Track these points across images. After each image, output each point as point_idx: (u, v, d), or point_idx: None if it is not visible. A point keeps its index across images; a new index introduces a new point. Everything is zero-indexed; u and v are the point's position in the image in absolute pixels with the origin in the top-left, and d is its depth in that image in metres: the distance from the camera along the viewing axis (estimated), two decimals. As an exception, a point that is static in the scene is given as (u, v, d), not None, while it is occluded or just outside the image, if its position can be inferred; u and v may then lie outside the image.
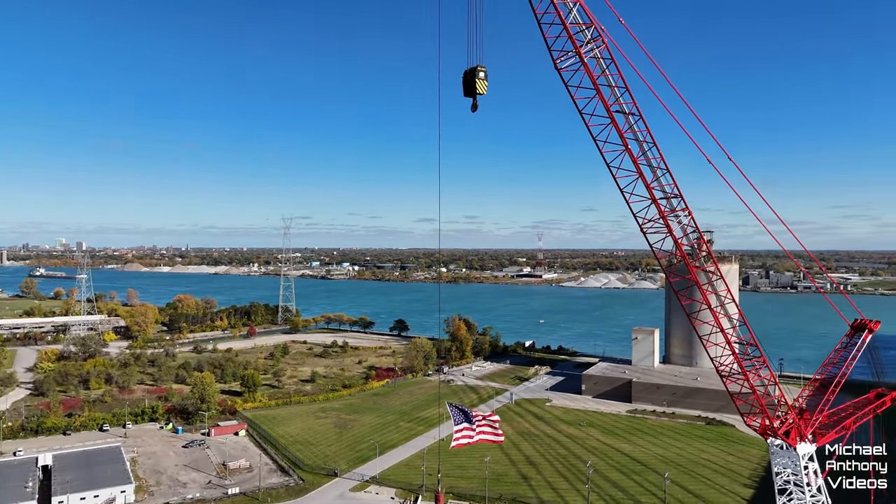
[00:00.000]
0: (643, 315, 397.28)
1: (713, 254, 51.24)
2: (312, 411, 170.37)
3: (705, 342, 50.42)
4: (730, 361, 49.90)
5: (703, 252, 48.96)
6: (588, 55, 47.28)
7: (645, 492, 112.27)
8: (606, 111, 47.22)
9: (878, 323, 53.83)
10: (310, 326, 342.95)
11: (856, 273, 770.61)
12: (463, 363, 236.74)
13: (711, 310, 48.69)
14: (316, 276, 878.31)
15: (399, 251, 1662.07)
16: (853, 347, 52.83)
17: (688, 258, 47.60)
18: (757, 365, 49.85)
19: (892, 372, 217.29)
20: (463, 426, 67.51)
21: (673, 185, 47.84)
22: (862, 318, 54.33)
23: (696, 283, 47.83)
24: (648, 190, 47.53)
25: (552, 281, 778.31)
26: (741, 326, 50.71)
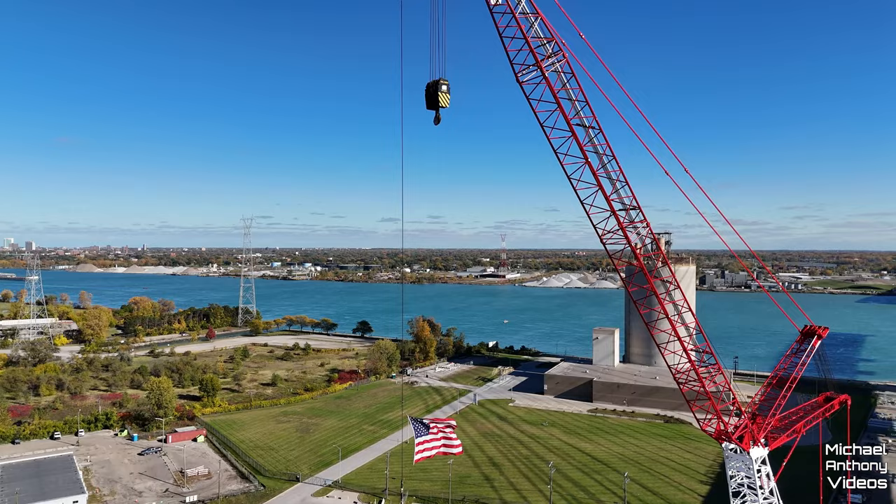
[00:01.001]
0: (605, 314, 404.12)
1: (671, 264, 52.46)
2: (273, 415, 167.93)
3: (663, 350, 51.65)
4: (687, 369, 51.18)
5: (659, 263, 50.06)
6: (549, 69, 47.94)
7: (606, 491, 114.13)
8: (567, 124, 47.93)
9: (827, 329, 56.00)
10: (271, 328, 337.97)
11: (806, 273, 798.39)
12: (427, 364, 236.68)
13: (669, 319, 49.88)
14: (277, 277, 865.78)
15: (362, 251, 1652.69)
16: (803, 353, 54.80)
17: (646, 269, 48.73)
18: (712, 371, 51.30)
19: (838, 369, 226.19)
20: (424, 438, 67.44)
21: (631, 196, 48.95)
22: (811, 325, 56.38)
23: (655, 293, 48.94)
24: (608, 202, 48.45)
25: (515, 281, 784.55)
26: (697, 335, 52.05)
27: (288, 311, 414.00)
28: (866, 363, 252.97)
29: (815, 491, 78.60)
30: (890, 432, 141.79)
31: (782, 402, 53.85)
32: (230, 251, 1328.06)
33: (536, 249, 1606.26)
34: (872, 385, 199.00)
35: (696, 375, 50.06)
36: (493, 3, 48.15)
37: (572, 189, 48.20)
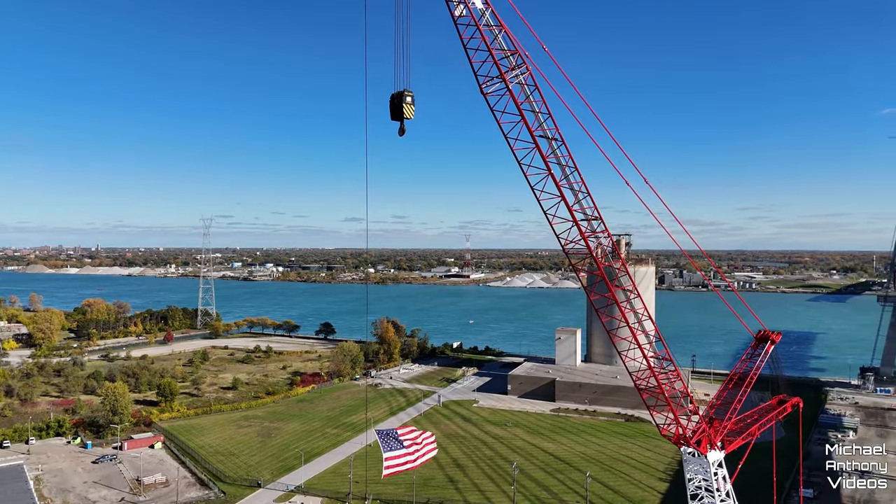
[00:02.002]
0: (568, 314, 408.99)
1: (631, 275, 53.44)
2: (234, 420, 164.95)
3: (624, 357, 52.65)
4: (647, 376, 52.28)
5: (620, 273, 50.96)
6: (513, 81, 48.40)
7: (568, 490, 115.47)
8: (531, 136, 48.48)
9: (780, 334, 57.94)
10: (231, 331, 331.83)
11: (760, 272, 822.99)
12: (391, 366, 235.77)
13: (630, 327, 50.93)
14: (238, 278, 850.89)
15: (325, 251, 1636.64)
16: (758, 357, 56.61)
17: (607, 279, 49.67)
18: (671, 378, 52.51)
19: (790, 366, 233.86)
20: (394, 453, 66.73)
21: (593, 207, 49.80)
22: (765, 330, 58.27)
23: (616, 301, 49.88)
24: (570, 212, 49.15)
25: (479, 281, 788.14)
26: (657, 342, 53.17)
27: (249, 312, 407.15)
28: (817, 360, 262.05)
29: (768, 487, 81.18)
30: (839, 427, 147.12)
31: (738, 406, 55.48)
32: (189, 251, 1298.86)
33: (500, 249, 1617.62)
34: (823, 382, 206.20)
35: (657, 382, 51.19)
36: (458, 15, 48.32)
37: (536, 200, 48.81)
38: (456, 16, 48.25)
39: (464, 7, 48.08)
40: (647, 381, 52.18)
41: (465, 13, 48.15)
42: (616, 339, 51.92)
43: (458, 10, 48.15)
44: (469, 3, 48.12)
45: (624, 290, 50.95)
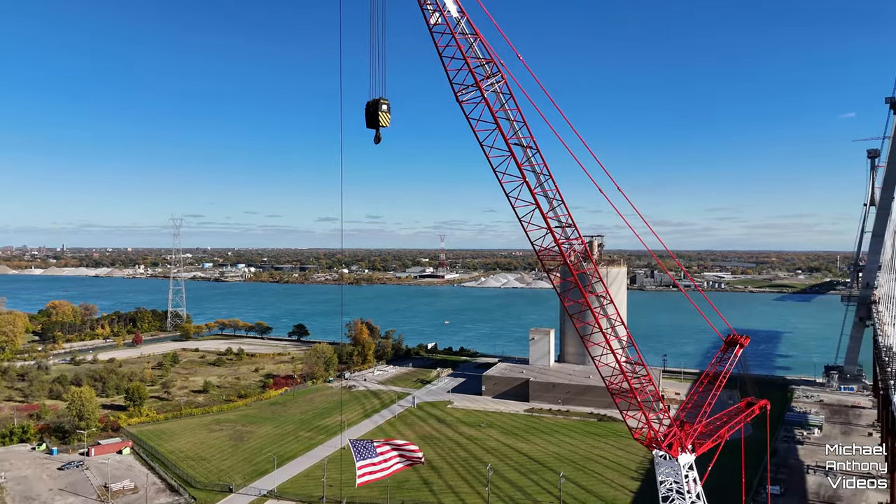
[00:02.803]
0: (542, 314, 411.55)
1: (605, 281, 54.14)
2: (205, 424, 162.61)
3: (597, 362, 53.37)
4: (619, 380, 53.09)
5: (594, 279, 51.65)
6: (488, 90, 48.70)
7: (542, 490, 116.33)
8: (506, 144, 48.91)
9: (748, 338, 59.36)
10: (202, 333, 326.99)
11: (729, 272, 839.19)
12: (365, 368, 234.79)
13: (603, 332, 51.68)
14: (209, 279, 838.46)
15: (299, 251, 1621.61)
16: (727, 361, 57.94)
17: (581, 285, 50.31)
18: (644, 382, 53.40)
19: (758, 365, 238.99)
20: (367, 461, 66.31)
21: (567, 214, 50.38)
22: (733, 334, 59.63)
23: (590, 307, 50.59)
24: (545, 219, 49.65)
25: (454, 281, 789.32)
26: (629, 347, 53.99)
27: (220, 314, 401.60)
28: (784, 359, 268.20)
29: (737, 485, 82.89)
30: (805, 425, 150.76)
31: (708, 409, 56.68)
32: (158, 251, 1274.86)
33: (475, 249, 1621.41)
34: (789, 380, 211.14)
35: (629, 387, 52.03)
36: (433, 23, 48.42)
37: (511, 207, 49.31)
38: (431, 23, 48.36)
39: (439, 15, 48.19)
40: (620, 386, 53.03)
41: (441, 21, 48.28)
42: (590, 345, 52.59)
43: (434, 18, 48.26)
44: (444, 10, 48.26)
45: (597, 297, 51.68)
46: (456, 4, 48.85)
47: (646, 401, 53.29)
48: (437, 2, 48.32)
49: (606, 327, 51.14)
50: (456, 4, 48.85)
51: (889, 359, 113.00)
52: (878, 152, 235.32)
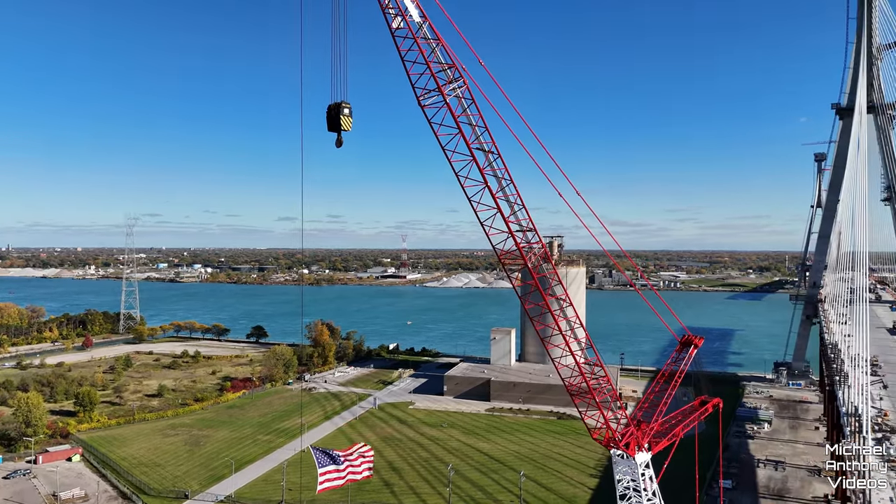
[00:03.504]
0: (504, 313, 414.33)
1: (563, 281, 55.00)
2: (160, 429, 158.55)
3: (557, 364, 54.12)
4: (579, 381, 53.98)
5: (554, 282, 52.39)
6: (450, 95, 48.87)
7: (503, 490, 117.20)
8: (468, 149, 49.15)
9: (702, 339, 61.14)
10: (157, 335, 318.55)
11: (684, 272, 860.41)
12: (325, 369, 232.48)
13: (563, 334, 52.49)
14: (164, 280, 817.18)
15: (257, 251, 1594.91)
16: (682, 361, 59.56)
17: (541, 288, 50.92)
18: (602, 383, 54.42)
19: (711, 362, 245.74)
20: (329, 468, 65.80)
21: (528, 219, 51.06)
22: (688, 335, 61.29)
23: (550, 311, 51.28)
24: (506, 224, 50.17)
25: (416, 281, 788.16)
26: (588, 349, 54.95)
27: (176, 315, 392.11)
28: (736, 356, 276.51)
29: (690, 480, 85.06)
30: (755, 420, 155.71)
31: (663, 409, 58.13)
32: (110, 251, 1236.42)
33: (437, 249, 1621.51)
34: (740, 376, 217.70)
35: (588, 388, 52.97)
36: (395, 27, 48.33)
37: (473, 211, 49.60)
38: (393, 27, 48.26)
39: (401, 19, 48.11)
40: (580, 387, 53.96)
41: (403, 25, 48.20)
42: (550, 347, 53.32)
43: (396, 23, 48.15)
44: (406, 15, 48.20)
45: (557, 299, 52.42)
46: (418, 9, 48.90)
47: (604, 401, 54.36)
48: (400, 6, 48.25)
49: (566, 329, 51.97)
50: (418, 9, 48.90)
51: (834, 355, 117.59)
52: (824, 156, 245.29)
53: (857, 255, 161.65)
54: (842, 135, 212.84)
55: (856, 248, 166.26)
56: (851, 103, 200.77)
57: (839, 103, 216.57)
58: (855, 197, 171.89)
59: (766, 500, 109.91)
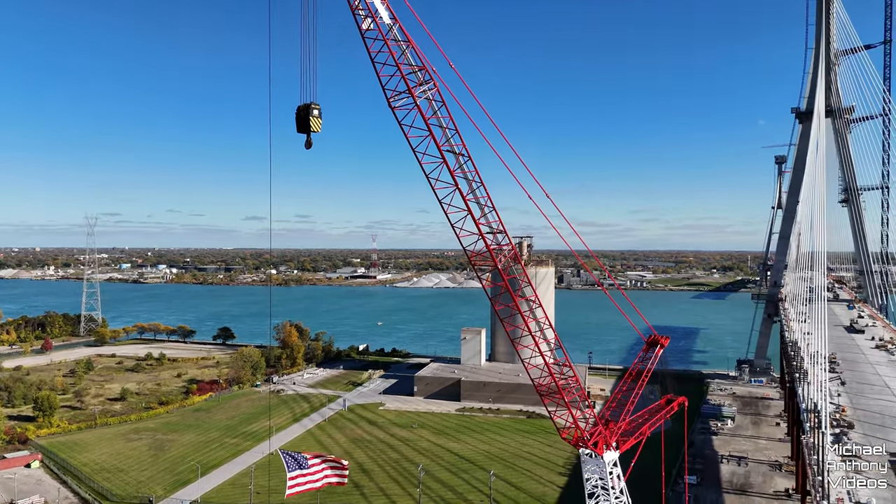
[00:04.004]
0: (474, 313, 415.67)
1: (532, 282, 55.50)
2: (123, 433, 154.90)
3: (527, 365, 54.58)
4: (548, 381, 54.52)
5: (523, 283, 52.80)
6: (421, 97, 48.86)
7: (473, 489, 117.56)
8: (438, 151, 49.20)
9: (668, 338, 62.33)
10: (119, 338, 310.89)
11: (650, 271, 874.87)
12: (294, 371, 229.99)
13: (532, 335, 52.97)
14: (127, 280, 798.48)
15: (224, 251, 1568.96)
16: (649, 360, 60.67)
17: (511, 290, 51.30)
18: (571, 383, 55.06)
19: (677, 360, 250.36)
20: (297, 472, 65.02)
21: (498, 221, 51.29)
22: (654, 335, 62.43)
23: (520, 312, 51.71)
24: (477, 226, 50.34)
25: (386, 282, 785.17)
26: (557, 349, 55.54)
27: (140, 317, 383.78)
28: (700, 354, 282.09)
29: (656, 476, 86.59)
30: (719, 417, 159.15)
31: (631, 408, 59.12)
32: (70, 252, 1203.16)
33: (407, 249, 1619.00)
34: (705, 374, 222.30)
35: (557, 388, 53.54)
36: (365, 29, 48.08)
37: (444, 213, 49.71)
38: (363, 29, 48.01)
39: (371, 21, 47.87)
40: (549, 387, 54.50)
41: (373, 27, 47.99)
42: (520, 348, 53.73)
43: (366, 24, 47.90)
44: (376, 16, 48.00)
45: (527, 300, 52.86)
46: (388, 11, 48.76)
47: (573, 401, 55.00)
48: (370, 7, 48.03)
49: (535, 330, 52.42)
50: (388, 11, 48.76)
51: (794, 353, 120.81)
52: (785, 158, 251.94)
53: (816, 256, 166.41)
54: (801, 138, 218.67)
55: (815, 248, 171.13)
56: (810, 107, 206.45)
57: (798, 107, 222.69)
58: (814, 199, 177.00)
59: (730, 495, 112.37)
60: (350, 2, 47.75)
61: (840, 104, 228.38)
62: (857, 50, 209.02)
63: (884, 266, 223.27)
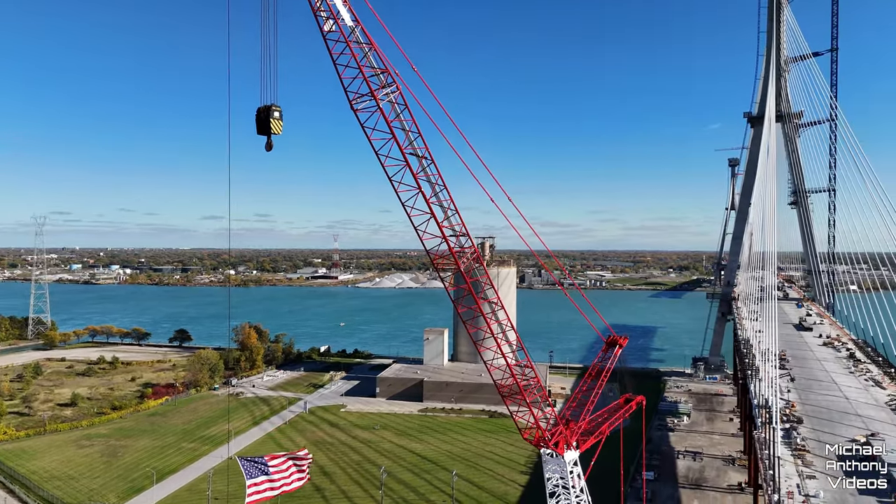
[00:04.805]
0: (438, 313, 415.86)
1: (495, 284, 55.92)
2: (74, 440, 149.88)
3: (489, 366, 54.97)
4: (510, 383, 55.04)
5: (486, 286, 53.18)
6: (383, 100, 48.69)
7: (435, 490, 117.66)
8: (401, 154, 49.18)
9: (626, 338, 63.64)
10: (70, 341, 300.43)
11: (609, 271, 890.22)
12: (254, 373, 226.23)
13: (494, 337, 53.43)
14: (77, 282, 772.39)
15: (180, 251, 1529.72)
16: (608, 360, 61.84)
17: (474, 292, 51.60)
18: (532, 384, 55.68)
19: (635, 358, 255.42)
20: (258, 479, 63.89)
21: (461, 224, 51.54)
22: (613, 335, 63.68)
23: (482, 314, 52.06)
24: (440, 229, 50.45)
25: (348, 282, 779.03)
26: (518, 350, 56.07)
27: (92, 320, 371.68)
28: (658, 352, 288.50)
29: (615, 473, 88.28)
30: (675, 413, 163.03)
31: (591, 408, 60.15)
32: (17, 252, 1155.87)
33: (370, 249, 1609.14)
34: (662, 372, 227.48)
35: (519, 389, 54.11)
36: (327, 31, 47.63)
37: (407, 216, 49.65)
38: (325, 31, 47.56)
39: (333, 23, 47.45)
40: (511, 389, 55.02)
41: (335, 29, 47.56)
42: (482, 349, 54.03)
43: (328, 26, 47.46)
44: (338, 19, 47.59)
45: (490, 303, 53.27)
46: (350, 13, 48.41)
47: (534, 401, 55.64)
48: (331, 9, 47.59)
49: (498, 332, 52.88)
50: (350, 13, 48.41)
51: (746, 350, 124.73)
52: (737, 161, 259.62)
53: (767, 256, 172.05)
54: (753, 142, 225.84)
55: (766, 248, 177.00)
56: (761, 112, 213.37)
57: (750, 112, 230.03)
58: (765, 201, 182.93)
59: (686, 490, 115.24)
60: (311, 3, 47.26)
61: (790, 109, 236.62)
62: (806, 57, 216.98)
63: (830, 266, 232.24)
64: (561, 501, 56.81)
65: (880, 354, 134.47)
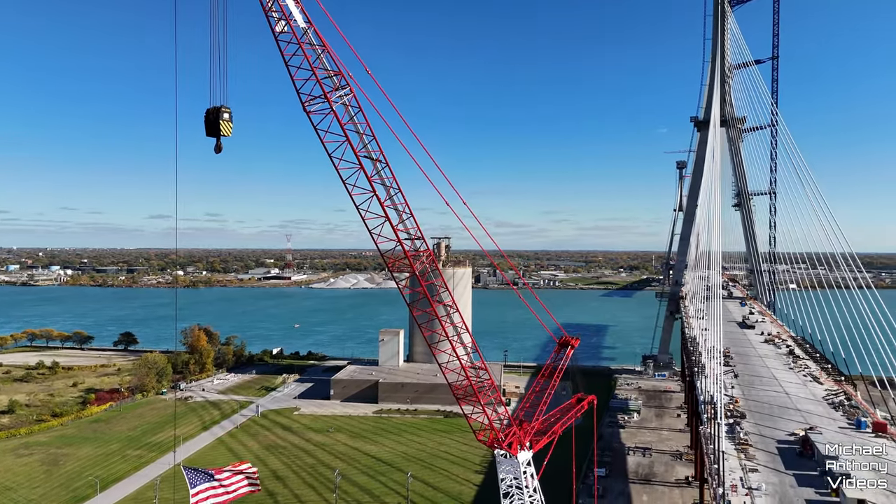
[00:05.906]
0: (394, 314, 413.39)
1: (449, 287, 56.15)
2: (11, 449, 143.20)
3: (444, 368, 55.17)
4: (465, 385, 55.35)
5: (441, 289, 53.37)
6: (337, 102, 48.20)
7: (390, 491, 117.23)
8: (355, 157, 48.81)
9: (578, 339, 64.81)
10: (7, 345, 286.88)
11: (562, 271, 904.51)
12: (203, 377, 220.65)
13: (449, 340, 53.64)
14: (15, 283, 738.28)
15: (126, 252, 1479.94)
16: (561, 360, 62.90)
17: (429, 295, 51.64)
18: (486, 386, 56.14)
19: (587, 357, 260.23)
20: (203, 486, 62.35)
21: (416, 227, 51.56)
22: (565, 336, 64.78)
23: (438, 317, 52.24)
24: (395, 232, 50.33)
25: (302, 283, 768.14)
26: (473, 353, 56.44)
27: (30, 323, 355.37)
28: (610, 350, 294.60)
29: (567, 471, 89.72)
30: (626, 410, 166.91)
31: (543, 408, 61.06)
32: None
33: (324, 249, 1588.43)
34: (613, 369, 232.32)
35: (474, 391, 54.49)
36: (279, 31, 46.84)
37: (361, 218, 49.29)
38: (277, 32, 46.77)
39: (285, 23, 46.67)
40: (466, 391, 55.33)
41: (287, 30, 46.79)
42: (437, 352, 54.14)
43: (279, 27, 46.68)
44: (291, 20, 46.83)
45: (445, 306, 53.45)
46: (303, 14, 47.70)
47: (488, 403, 56.12)
48: (283, 10, 46.84)
49: (453, 335, 53.10)
50: (303, 14, 47.70)
51: (693, 348, 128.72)
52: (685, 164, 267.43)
53: (713, 256, 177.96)
54: (699, 145, 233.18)
55: (711, 248, 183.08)
56: (707, 117, 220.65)
57: (697, 116, 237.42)
58: (710, 202, 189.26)
59: (636, 485, 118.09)
60: (263, 3, 46.40)
61: (734, 114, 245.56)
62: (749, 64, 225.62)
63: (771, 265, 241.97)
64: (514, 502, 57.45)
65: (818, 351, 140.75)
